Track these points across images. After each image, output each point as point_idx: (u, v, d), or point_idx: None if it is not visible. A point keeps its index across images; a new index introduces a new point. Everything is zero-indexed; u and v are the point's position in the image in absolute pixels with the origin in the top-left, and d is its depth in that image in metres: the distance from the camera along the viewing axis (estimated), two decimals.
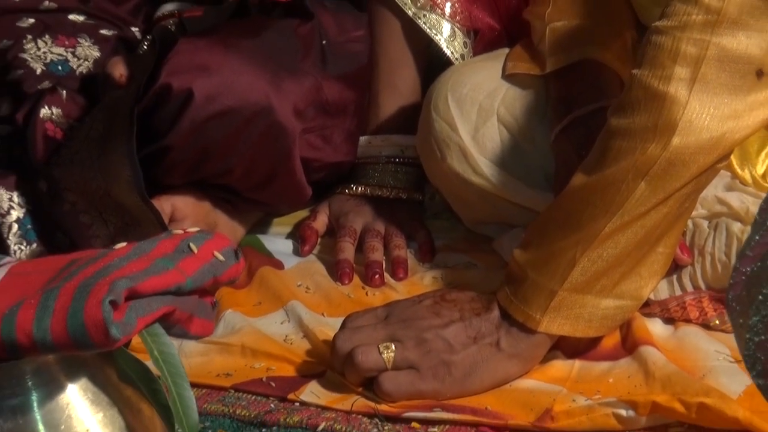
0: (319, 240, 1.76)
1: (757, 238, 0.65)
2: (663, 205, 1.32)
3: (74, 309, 0.99)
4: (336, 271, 1.68)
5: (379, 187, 1.76)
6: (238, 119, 1.65)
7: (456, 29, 1.76)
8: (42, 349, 1.01)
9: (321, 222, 1.76)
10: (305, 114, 1.70)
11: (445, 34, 1.75)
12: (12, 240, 1.66)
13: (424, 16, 1.75)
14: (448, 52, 1.75)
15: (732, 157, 1.41)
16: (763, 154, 1.51)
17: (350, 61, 1.77)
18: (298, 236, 1.78)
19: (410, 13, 1.74)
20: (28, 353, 1.02)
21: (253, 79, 1.66)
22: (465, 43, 1.76)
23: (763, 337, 0.61)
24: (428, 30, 1.75)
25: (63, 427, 1.05)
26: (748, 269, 0.64)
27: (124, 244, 1.15)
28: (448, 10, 1.75)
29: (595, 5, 1.59)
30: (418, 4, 1.74)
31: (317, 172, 1.76)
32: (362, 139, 1.79)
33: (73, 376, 1.06)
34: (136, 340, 1.06)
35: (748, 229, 1.42)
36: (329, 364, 1.43)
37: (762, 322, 0.61)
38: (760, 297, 0.61)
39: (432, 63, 1.80)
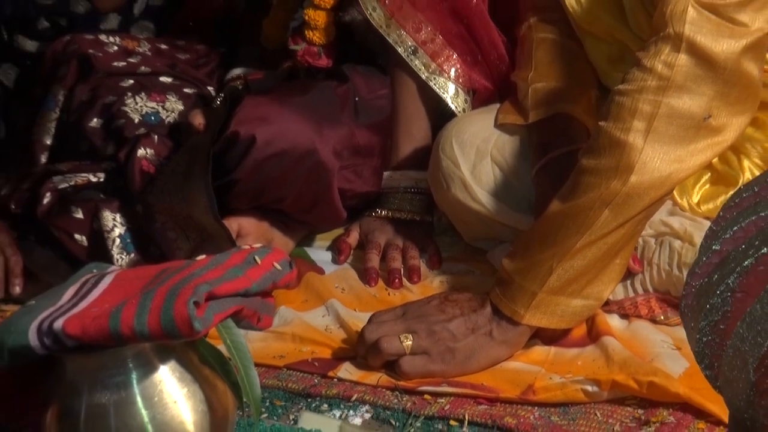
0: (351, 252, 1.75)
1: (704, 259, 0.64)
2: (621, 227, 1.32)
3: (166, 308, 0.99)
4: (365, 276, 1.67)
5: (398, 211, 1.75)
6: (290, 159, 1.65)
7: (459, 89, 1.75)
8: (140, 339, 1.01)
9: (353, 238, 1.75)
10: (341, 155, 1.70)
11: (450, 93, 1.74)
12: (115, 251, 1.65)
13: (434, 79, 1.74)
14: (453, 107, 1.74)
15: None
16: (697, 186, 1.51)
17: (377, 114, 1.76)
18: (336, 249, 1.76)
19: (423, 76, 1.74)
20: (130, 342, 1.01)
21: (302, 127, 1.65)
22: (466, 100, 1.75)
23: (709, 338, 0.61)
24: (438, 90, 1.74)
25: (156, 399, 1.05)
26: (697, 284, 0.63)
27: (203, 256, 1.13)
28: (452, 74, 1.74)
29: (566, 71, 1.58)
30: (430, 70, 1.73)
31: (351, 199, 1.74)
32: (385, 174, 1.78)
33: (164, 360, 1.06)
34: (212, 332, 1.05)
35: (687, 245, 1.44)
36: (357, 349, 1.42)
37: (709, 326, 0.61)
38: (708, 306, 0.61)
39: (440, 114, 1.78)
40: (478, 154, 1.60)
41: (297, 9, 1.80)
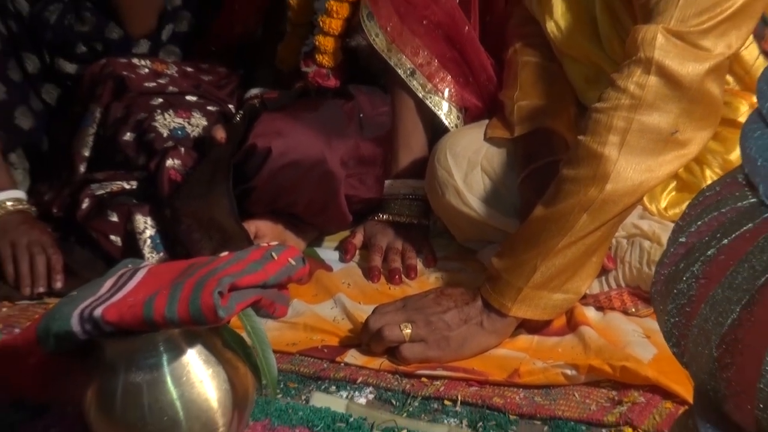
0: (357, 252, 1.75)
1: (672, 250, 0.64)
2: (598, 230, 1.32)
3: (194, 297, 1.00)
4: (369, 274, 1.67)
5: (398, 215, 1.75)
6: (302, 169, 1.65)
7: (452, 107, 1.74)
8: (171, 325, 1.01)
9: (358, 239, 1.75)
10: (347, 164, 1.69)
11: (444, 110, 1.74)
12: (146, 250, 1.65)
13: (430, 97, 1.74)
14: (446, 123, 1.74)
15: None
16: (664, 193, 1.50)
17: (379, 128, 1.76)
18: (343, 248, 1.76)
19: (420, 95, 1.73)
20: (161, 327, 1.02)
21: (312, 140, 1.65)
22: (458, 116, 1.75)
23: (676, 319, 0.61)
24: (433, 107, 1.74)
25: (184, 378, 1.05)
26: (666, 272, 0.63)
27: (225, 253, 1.14)
28: (446, 94, 1.74)
29: (548, 90, 1.58)
30: (426, 89, 1.73)
31: (356, 204, 1.74)
32: (386, 182, 1.78)
33: (191, 344, 1.07)
34: (235, 319, 1.06)
35: (655, 245, 1.45)
36: (361, 337, 1.42)
37: (676, 308, 0.61)
38: (675, 291, 0.61)
39: (436, 129, 1.78)
40: (470, 165, 1.59)
41: (308, 35, 1.80)
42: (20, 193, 1.74)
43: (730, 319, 0.56)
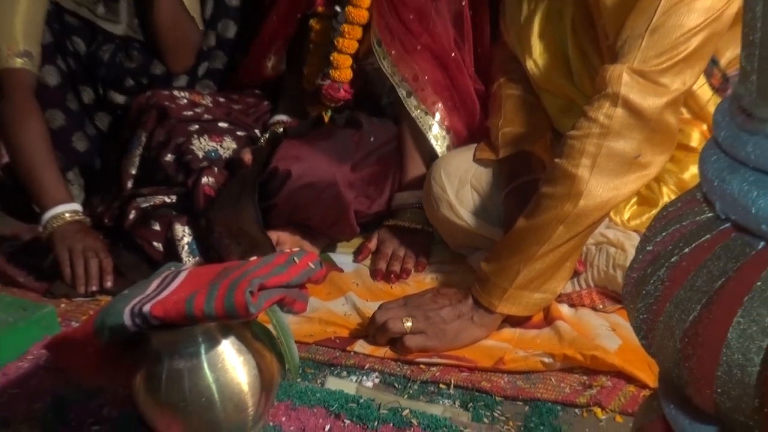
0: (369, 254, 1.74)
1: (640, 257, 0.64)
2: (572, 240, 1.32)
3: (228, 296, 0.99)
4: (373, 274, 1.66)
5: (406, 221, 1.73)
6: (316, 189, 1.65)
7: (440, 127, 1.73)
8: (208, 319, 1.01)
9: (373, 244, 1.73)
10: (355, 186, 1.69)
11: (433, 132, 1.72)
12: (184, 255, 1.66)
13: (422, 117, 1.72)
14: (432, 142, 1.73)
15: None
16: (627, 207, 1.49)
17: (382, 155, 1.75)
18: (359, 250, 1.75)
19: (413, 114, 1.73)
20: (200, 321, 1.01)
21: (326, 166, 1.66)
22: (444, 137, 1.72)
23: (645, 316, 0.61)
24: (422, 126, 1.73)
25: (219, 365, 1.05)
26: (635, 276, 0.63)
27: (254, 258, 1.13)
28: (437, 116, 1.72)
29: (528, 119, 1.58)
30: (419, 110, 1.72)
31: (363, 218, 1.73)
32: (397, 194, 1.77)
33: (225, 335, 1.06)
34: (262, 314, 1.06)
35: (619, 251, 1.44)
36: (368, 329, 1.43)
37: (645, 306, 0.61)
38: (644, 292, 0.61)
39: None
40: (461, 182, 1.59)
41: (328, 56, 1.78)
42: (76, 206, 1.73)
43: (691, 316, 0.56)
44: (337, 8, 1.75)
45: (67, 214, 1.69)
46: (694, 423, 0.59)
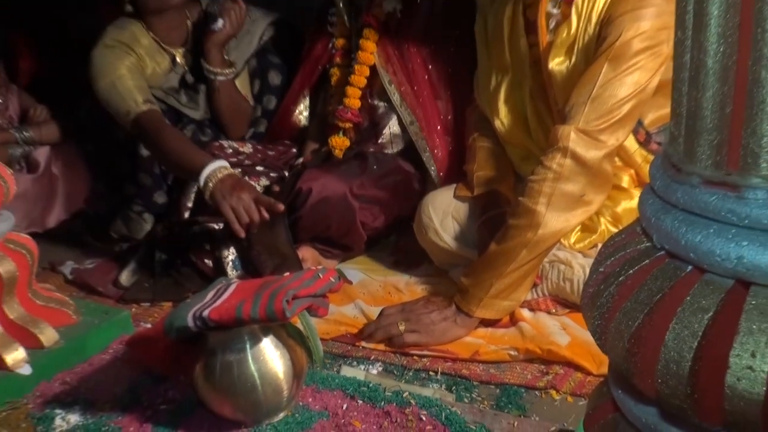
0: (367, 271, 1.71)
1: (594, 276, 0.64)
2: (532, 260, 1.32)
3: (269, 304, 1.00)
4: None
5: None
6: (330, 202, 1.64)
7: (429, 153, 1.72)
8: (253, 322, 1.02)
9: None
10: (359, 199, 1.66)
11: (426, 155, 1.70)
12: (229, 269, 1.63)
13: (419, 141, 1.71)
14: (427, 164, 1.71)
15: None
16: (573, 233, 1.46)
17: (384, 181, 1.71)
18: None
19: (413, 138, 1.71)
20: (247, 324, 1.03)
21: (337, 183, 1.65)
22: (430, 160, 1.72)
23: (599, 322, 0.61)
24: (420, 150, 1.71)
25: (261, 358, 1.05)
26: (591, 290, 0.63)
27: (287, 274, 1.14)
28: (429, 146, 1.71)
29: (496, 165, 1.57)
30: (417, 136, 1.71)
31: (368, 230, 1.70)
32: None
33: (266, 334, 1.07)
34: (294, 317, 1.06)
35: (567, 267, 1.42)
36: (368, 329, 1.41)
37: (599, 315, 0.60)
38: (598, 304, 0.61)
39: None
40: (444, 214, 1.58)
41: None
42: (223, 162, 1.61)
43: (636, 323, 0.56)
44: (352, 56, 1.76)
45: (218, 171, 1.57)
46: (639, 404, 0.59)
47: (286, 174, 1.83)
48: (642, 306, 0.56)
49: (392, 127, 1.78)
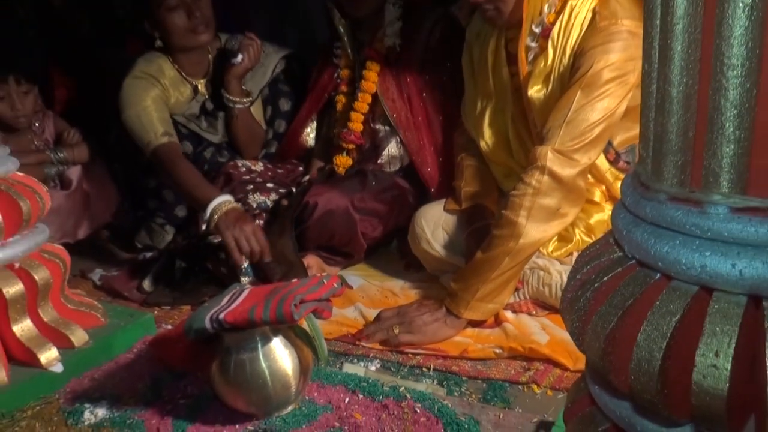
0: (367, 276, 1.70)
1: (572, 283, 0.63)
2: (515, 267, 1.31)
3: (279, 307, 0.99)
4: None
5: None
6: (334, 214, 1.64)
7: (425, 174, 1.72)
8: (264, 324, 1.01)
9: None
10: (360, 211, 1.66)
11: (424, 174, 1.72)
12: (241, 275, 1.61)
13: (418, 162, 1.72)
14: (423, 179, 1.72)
15: None
16: (550, 242, 1.45)
17: (382, 196, 1.71)
18: None
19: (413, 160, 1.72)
20: (258, 325, 1.02)
21: (340, 198, 1.65)
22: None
23: (577, 324, 0.60)
24: (417, 170, 1.72)
25: (271, 356, 1.04)
26: (569, 296, 0.63)
27: (294, 280, 1.13)
28: (427, 170, 1.72)
29: (481, 181, 1.56)
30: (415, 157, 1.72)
31: (367, 240, 1.70)
32: None
33: (276, 334, 1.06)
34: (301, 320, 1.06)
35: (546, 273, 1.42)
36: (367, 330, 1.40)
37: (577, 318, 0.60)
38: (576, 308, 0.60)
39: None
40: (435, 225, 1.57)
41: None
42: (229, 196, 1.62)
43: (611, 325, 0.56)
44: (356, 85, 1.76)
45: (223, 205, 1.58)
46: (613, 399, 0.58)
47: (294, 189, 1.84)
48: (616, 309, 0.56)
49: (391, 149, 1.78)
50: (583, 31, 1.30)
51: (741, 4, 0.48)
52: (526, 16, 1.32)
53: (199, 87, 1.86)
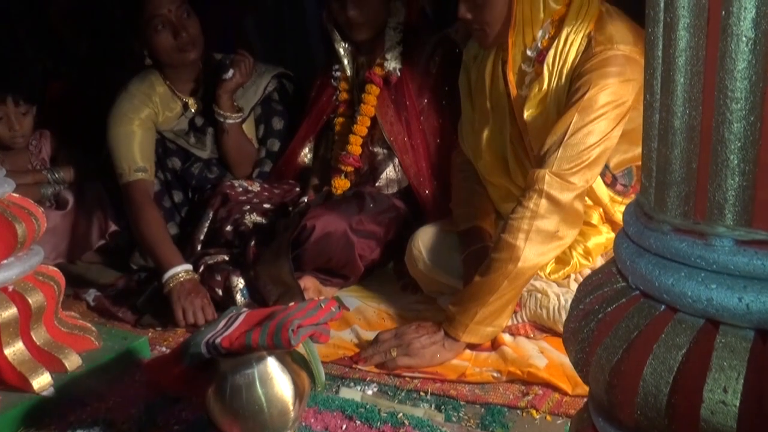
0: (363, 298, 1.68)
1: (574, 312, 0.63)
2: (513, 290, 1.30)
3: (276, 333, 0.97)
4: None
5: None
6: (332, 238, 1.62)
7: (421, 194, 1.72)
8: (261, 349, 0.99)
9: None
10: (358, 233, 1.65)
11: (422, 194, 1.72)
12: (238, 296, 1.61)
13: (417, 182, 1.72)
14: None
15: None
16: (548, 265, 1.44)
17: (380, 218, 1.70)
18: None
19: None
20: (255, 350, 1.00)
21: (338, 220, 1.63)
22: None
23: (581, 356, 0.59)
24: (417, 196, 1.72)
25: (268, 381, 1.02)
26: (572, 326, 0.62)
27: (292, 304, 1.11)
28: (426, 192, 1.72)
29: (478, 203, 1.55)
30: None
31: (364, 262, 1.68)
32: None
33: (272, 359, 1.03)
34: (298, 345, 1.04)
35: (543, 296, 1.40)
36: (365, 353, 1.38)
37: (581, 350, 0.59)
38: (579, 339, 0.59)
39: None
40: (432, 247, 1.55)
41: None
42: (188, 266, 1.64)
43: (616, 358, 0.55)
44: (355, 108, 1.76)
45: (180, 274, 1.62)
46: None
47: (290, 210, 1.82)
48: (621, 342, 0.55)
49: (389, 172, 1.78)
50: (578, 56, 1.31)
51: (744, 39, 0.48)
52: (512, 42, 1.33)
53: (189, 104, 1.87)
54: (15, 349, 1.17)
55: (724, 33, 0.47)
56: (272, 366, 1.03)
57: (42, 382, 1.17)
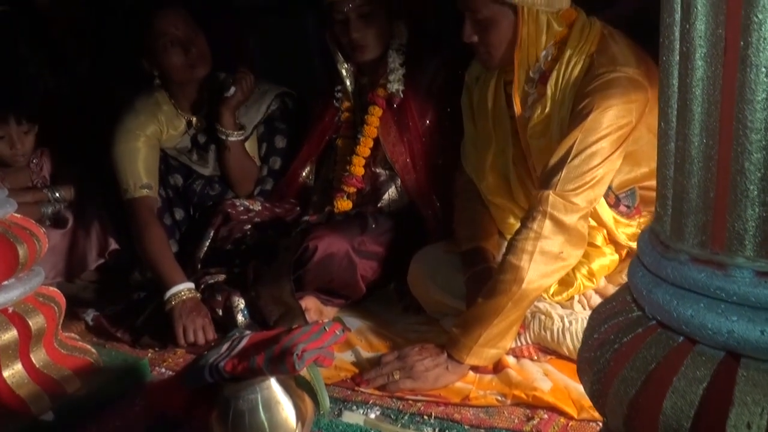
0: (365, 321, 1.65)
1: (589, 342, 0.62)
2: (517, 312, 1.29)
3: (281, 357, 0.96)
4: None
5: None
6: (335, 259, 1.60)
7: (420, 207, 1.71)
8: (265, 373, 0.98)
9: None
10: (360, 254, 1.63)
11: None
12: (238, 317, 1.58)
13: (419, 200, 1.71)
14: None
15: None
16: (552, 286, 1.43)
17: (381, 239, 1.68)
18: None
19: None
20: (259, 375, 0.99)
21: (340, 241, 1.61)
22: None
23: (597, 387, 0.58)
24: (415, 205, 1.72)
25: (271, 406, 1.01)
26: (587, 356, 0.61)
27: (296, 326, 1.11)
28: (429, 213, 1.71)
29: (481, 223, 1.54)
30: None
31: (366, 282, 1.66)
32: None
33: (276, 384, 1.02)
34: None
35: (547, 318, 1.39)
36: (371, 376, 1.36)
37: (597, 380, 0.58)
38: (595, 369, 0.58)
39: None
40: (435, 268, 1.54)
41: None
42: (190, 284, 1.63)
43: (634, 390, 0.54)
44: (358, 128, 1.76)
45: (182, 292, 1.61)
46: None
47: (292, 229, 1.81)
48: (639, 374, 0.54)
49: (391, 193, 1.77)
50: (581, 77, 1.31)
51: (764, 69, 0.47)
52: (518, 62, 1.33)
53: (194, 122, 1.87)
54: (14, 372, 1.16)
55: (743, 63, 0.47)
56: (276, 391, 1.02)
57: (40, 405, 1.15)
